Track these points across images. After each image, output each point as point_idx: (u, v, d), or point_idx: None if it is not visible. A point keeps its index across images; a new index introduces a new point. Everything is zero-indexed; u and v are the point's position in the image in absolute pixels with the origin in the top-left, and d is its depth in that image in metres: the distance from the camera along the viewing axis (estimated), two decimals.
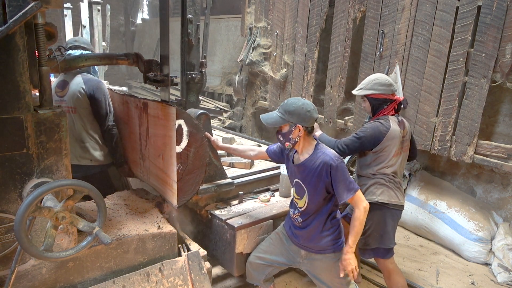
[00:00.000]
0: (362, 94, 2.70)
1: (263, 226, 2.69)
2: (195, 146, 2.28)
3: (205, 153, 2.34)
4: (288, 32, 5.25)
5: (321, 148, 2.19)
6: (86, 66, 2.50)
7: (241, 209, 2.77)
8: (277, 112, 2.15)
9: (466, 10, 3.54)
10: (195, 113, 2.58)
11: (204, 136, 2.34)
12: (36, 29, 1.63)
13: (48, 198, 1.64)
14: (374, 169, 2.66)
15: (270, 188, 3.20)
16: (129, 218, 2.28)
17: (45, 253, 1.58)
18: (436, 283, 3.37)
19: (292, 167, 2.28)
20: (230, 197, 2.96)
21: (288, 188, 3.07)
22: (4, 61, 1.53)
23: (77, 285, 1.96)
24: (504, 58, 3.36)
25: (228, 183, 2.83)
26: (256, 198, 3.01)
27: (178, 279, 2.13)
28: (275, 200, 3.00)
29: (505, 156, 3.56)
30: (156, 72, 2.36)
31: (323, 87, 5.03)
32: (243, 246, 2.61)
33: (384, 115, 2.67)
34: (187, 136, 2.25)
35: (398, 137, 2.63)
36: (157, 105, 2.25)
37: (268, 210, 2.80)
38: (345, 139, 2.68)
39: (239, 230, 2.54)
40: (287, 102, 2.14)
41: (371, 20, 4.28)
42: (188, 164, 2.28)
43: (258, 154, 2.65)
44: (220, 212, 2.73)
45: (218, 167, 2.81)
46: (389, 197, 2.64)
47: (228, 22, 7.67)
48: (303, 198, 2.22)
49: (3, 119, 1.57)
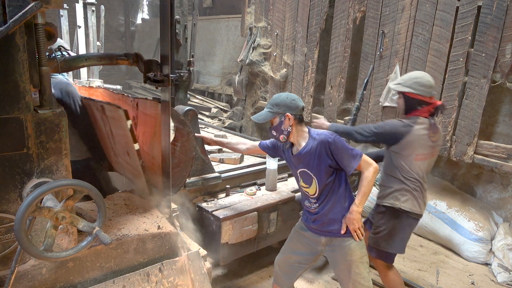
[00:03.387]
0: (398, 90, 2.59)
1: (247, 217, 2.81)
2: (181, 140, 2.34)
3: (192, 147, 2.40)
4: (288, 32, 5.25)
5: (314, 131, 2.24)
6: (86, 66, 2.51)
7: (227, 202, 2.89)
8: (265, 109, 2.23)
9: (466, 10, 3.54)
10: (183, 109, 2.67)
11: (191, 131, 2.37)
12: (36, 29, 1.63)
13: (48, 198, 1.63)
14: (402, 173, 2.58)
15: (257, 182, 3.30)
16: (129, 218, 2.28)
17: (45, 253, 1.57)
18: (436, 283, 3.37)
19: (293, 159, 2.30)
20: (218, 190, 3.07)
21: (274, 182, 3.19)
22: (4, 61, 1.53)
23: (77, 285, 1.96)
24: (504, 58, 3.36)
25: (215, 177, 2.94)
26: (243, 191, 3.12)
27: (178, 279, 2.13)
28: (260, 194, 3.12)
29: (505, 156, 3.56)
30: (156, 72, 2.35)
31: (323, 87, 5.03)
32: (228, 237, 2.72)
33: (416, 115, 2.56)
34: (173, 131, 2.30)
35: (424, 140, 2.52)
36: (111, 108, 2.30)
37: (253, 202, 2.91)
38: (363, 126, 2.65)
39: (224, 221, 2.65)
40: (273, 97, 2.24)
41: (371, 20, 4.28)
42: (175, 158, 2.34)
43: (250, 148, 2.72)
44: (207, 204, 2.83)
45: (205, 162, 2.90)
46: (412, 206, 2.58)
47: (228, 22, 7.67)
48: (313, 184, 2.24)
49: (3, 119, 1.57)
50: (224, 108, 7.14)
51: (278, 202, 3.02)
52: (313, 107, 5.16)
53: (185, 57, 2.92)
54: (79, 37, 4.97)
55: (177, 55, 2.85)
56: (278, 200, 3.02)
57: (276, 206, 3.03)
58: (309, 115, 5.13)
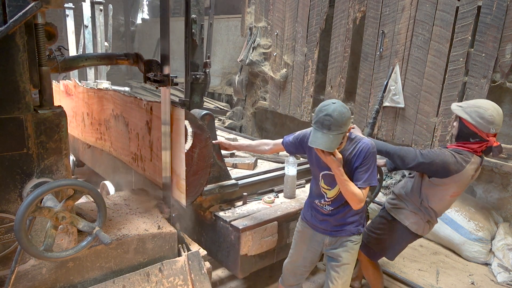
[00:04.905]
0: (457, 113, 2.35)
1: (267, 227, 2.65)
2: (199, 147, 2.25)
3: (210, 153, 2.32)
4: (288, 32, 5.25)
5: (357, 136, 2.14)
6: (86, 66, 2.50)
7: (246, 211, 2.74)
8: (329, 133, 1.94)
9: (466, 10, 3.54)
10: (199, 113, 2.53)
11: (209, 137, 2.30)
12: (36, 29, 1.63)
13: (48, 198, 1.63)
14: (426, 202, 2.46)
15: (274, 189, 3.14)
16: (129, 218, 2.28)
17: (45, 253, 1.58)
18: (436, 283, 3.37)
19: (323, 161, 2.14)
20: (234, 198, 2.91)
21: (293, 189, 3.03)
22: (4, 61, 1.53)
23: (77, 285, 1.96)
24: (504, 58, 3.36)
25: (232, 184, 2.78)
26: (260, 199, 2.97)
27: (178, 279, 2.13)
28: (279, 202, 2.95)
29: (505, 156, 3.56)
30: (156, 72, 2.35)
31: (323, 87, 5.03)
32: (248, 248, 2.58)
33: (468, 150, 2.32)
34: (191, 137, 2.22)
35: (468, 180, 2.36)
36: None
37: (272, 211, 2.76)
38: (405, 150, 2.39)
39: (243, 232, 2.51)
40: (335, 117, 1.93)
41: (371, 20, 4.28)
42: (193, 165, 2.24)
43: (273, 147, 2.56)
44: (224, 213, 2.68)
45: (222, 168, 2.75)
46: (418, 228, 2.53)
47: (228, 22, 7.67)
48: (335, 187, 2.17)
49: (3, 119, 1.57)
50: (224, 108, 7.14)
51: (298, 210, 2.83)
52: (313, 107, 5.16)
53: (201, 58, 2.80)
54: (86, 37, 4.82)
55: (193, 56, 2.74)
56: (298, 208, 2.84)
57: (296, 215, 2.81)
58: (309, 115, 5.13)
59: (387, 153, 2.44)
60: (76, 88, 3.78)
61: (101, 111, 3.28)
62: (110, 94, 3.06)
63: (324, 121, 1.94)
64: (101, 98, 3.22)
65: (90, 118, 3.54)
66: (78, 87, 3.75)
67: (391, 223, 2.61)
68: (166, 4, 2.09)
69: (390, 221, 2.62)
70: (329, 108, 1.96)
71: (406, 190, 2.61)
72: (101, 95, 3.23)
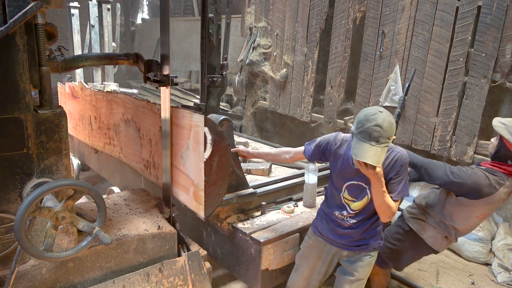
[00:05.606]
0: (497, 131, 2.20)
1: (289, 240, 2.52)
2: (218, 155, 2.14)
3: (229, 162, 2.21)
4: (288, 32, 5.25)
5: (392, 146, 2.01)
6: (86, 66, 2.50)
7: (265, 222, 2.62)
8: (378, 145, 1.78)
9: (466, 10, 3.54)
10: (217, 119, 2.39)
11: (229, 145, 2.20)
12: (36, 29, 1.63)
13: (48, 198, 1.63)
14: (450, 220, 2.35)
15: (292, 197, 3.00)
16: (129, 218, 2.28)
17: (45, 253, 1.58)
18: (436, 283, 3.37)
19: (351, 169, 2.04)
20: (252, 207, 2.78)
21: (313, 198, 2.90)
22: (4, 61, 1.53)
23: (77, 285, 1.96)
24: (504, 58, 3.36)
25: (250, 193, 2.64)
26: (279, 208, 2.82)
27: (178, 279, 2.13)
28: (299, 211, 2.81)
29: None
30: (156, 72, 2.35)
31: (323, 87, 5.03)
32: (269, 262, 2.46)
33: (503, 172, 2.19)
34: (211, 145, 2.10)
35: (498, 203, 2.24)
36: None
37: (293, 222, 2.63)
38: (435, 165, 2.27)
39: (265, 245, 2.39)
40: (385, 128, 1.78)
41: (371, 20, 4.28)
42: (212, 175, 2.12)
43: (294, 156, 2.39)
44: (243, 225, 2.56)
45: (240, 177, 2.62)
46: (434, 243, 2.44)
47: None
48: (363, 199, 2.05)
49: (3, 119, 1.57)
50: (224, 108, 7.14)
51: None
52: (313, 107, 5.16)
53: (218, 60, 2.66)
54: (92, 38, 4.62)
55: (209, 58, 2.59)
56: None
57: None
58: (309, 115, 5.13)
59: (414, 165, 2.32)
60: (83, 90, 3.66)
61: (110, 115, 3.16)
62: (120, 97, 2.95)
63: (373, 132, 1.77)
64: (110, 102, 3.11)
65: (98, 122, 3.41)
66: (85, 89, 3.63)
67: (408, 233, 2.51)
68: (166, 4, 2.09)
69: (407, 231, 2.52)
70: (378, 118, 1.79)
71: (428, 201, 2.49)
72: (110, 98, 3.12)
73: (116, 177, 3.58)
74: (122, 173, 3.37)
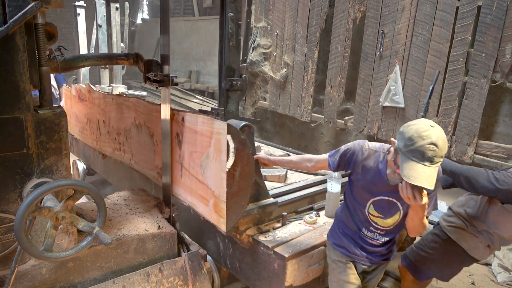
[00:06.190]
0: None
1: (314, 254, 2.37)
2: (241, 164, 2.02)
3: (252, 172, 2.11)
4: (288, 32, 5.25)
5: None
6: (86, 66, 2.50)
7: (287, 234, 2.47)
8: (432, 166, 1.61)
9: (466, 10, 3.54)
10: (237, 125, 2.22)
11: (252, 153, 2.10)
12: (36, 29, 1.63)
13: (48, 198, 1.63)
14: (492, 229, 2.22)
15: (314, 206, 2.84)
16: (129, 218, 2.28)
17: (45, 253, 1.58)
18: (436, 283, 3.37)
19: (381, 183, 1.87)
20: (272, 218, 2.62)
21: (336, 207, 2.74)
22: (4, 61, 1.53)
23: (77, 285, 1.96)
24: (504, 58, 3.37)
25: (271, 203, 2.49)
26: (301, 219, 2.67)
27: (178, 279, 2.13)
28: (322, 222, 2.66)
29: (505, 156, 3.56)
30: (156, 72, 2.35)
31: (323, 87, 5.03)
32: (294, 278, 2.30)
33: None
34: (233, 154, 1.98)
35: None
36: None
37: (318, 234, 2.48)
38: (475, 171, 2.14)
39: (289, 261, 2.24)
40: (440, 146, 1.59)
41: (371, 20, 4.28)
42: (233, 186, 2.00)
43: (316, 165, 2.19)
44: (265, 238, 2.41)
45: (260, 186, 2.46)
46: (476, 253, 2.29)
47: None
48: (394, 216, 1.90)
49: (3, 119, 1.57)
50: None
51: None
52: (313, 107, 5.17)
53: (237, 61, 2.50)
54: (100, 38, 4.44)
55: (229, 60, 2.43)
56: None
57: None
58: (309, 115, 5.13)
59: (452, 172, 2.19)
60: (91, 93, 3.49)
61: (120, 120, 3.00)
62: (132, 101, 2.78)
63: (428, 152, 1.58)
64: (121, 105, 2.95)
65: (107, 126, 3.25)
66: (92, 92, 3.46)
67: (446, 242, 2.37)
68: (166, 4, 2.09)
69: (444, 240, 2.38)
70: (432, 135, 1.59)
71: (468, 209, 2.34)
72: (120, 102, 2.96)
73: (124, 183, 3.45)
74: (131, 179, 3.23)
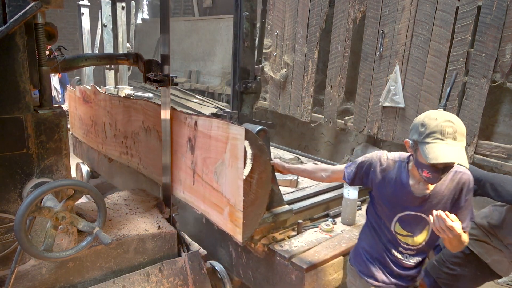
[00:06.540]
0: None
1: (333, 264, 2.27)
2: (258, 171, 1.93)
3: (269, 179, 2.02)
4: (288, 32, 5.25)
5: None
6: (86, 66, 2.50)
7: (304, 243, 2.36)
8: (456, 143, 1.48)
9: (466, 10, 3.54)
10: (253, 129, 2.12)
11: (269, 159, 2.01)
12: (36, 29, 1.63)
13: (48, 198, 1.63)
14: None
15: (329, 213, 2.74)
16: (129, 218, 2.28)
17: (45, 253, 1.58)
18: None
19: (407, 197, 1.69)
20: (287, 226, 2.52)
21: (353, 214, 2.65)
22: (4, 61, 1.53)
23: (77, 285, 1.96)
24: (504, 58, 3.36)
25: (287, 210, 2.39)
26: (317, 226, 2.56)
27: (178, 279, 2.13)
28: (339, 230, 2.56)
29: (505, 156, 3.56)
30: (156, 72, 2.35)
31: (323, 87, 5.03)
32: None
33: None
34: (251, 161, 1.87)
35: None
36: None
37: (336, 243, 2.37)
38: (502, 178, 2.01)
39: (308, 272, 2.14)
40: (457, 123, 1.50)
41: (371, 20, 4.28)
42: (250, 194, 1.91)
43: (332, 176, 2.01)
44: (281, 247, 2.30)
45: (275, 192, 2.34)
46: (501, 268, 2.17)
47: (228, 22, 7.67)
48: (423, 232, 1.73)
49: (3, 119, 1.57)
50: (224, 108, 7.14)
51: None
52: (313, 107, 5.17)
53: (252, 63, 2.38)
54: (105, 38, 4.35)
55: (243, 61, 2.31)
56: None
57: None
58: (309, 115, 5.13)
59: (477, 180, 2.03)
60: (96, 95, 3.40)
61: (127, 123, 2.93)
62: (140, 104, 2.70)
63: (446, 128, 1.47)
64: (128, 108, 2.87)
65: (113, 129, 3.17)
66: (98, 93, 3.37)
67: (469, 257, 2.22)
68: (166, 4, 2.09)
69: (467, 255, 2.22)
70: (443, 115, 1.52)
71: (492, 221, 2.22)
72: (128, 104, 2.87)
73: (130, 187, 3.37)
74: (137, 183, 3.16)
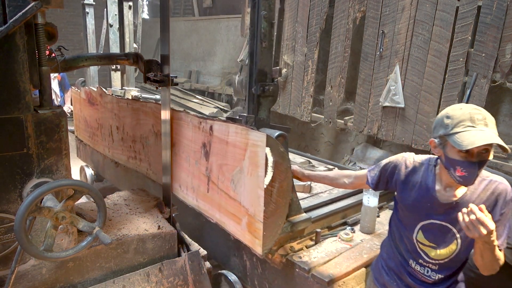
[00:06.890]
0: None
1: (356, 276, 2.18)
2: (279, 180, 1.85)
3: (290, 188, 1.94)
4: (288, 32, 5.25)
5: (486, 173, 1.54)
6: (86, 66, 2.50)
7: (324, 253, 2.28)
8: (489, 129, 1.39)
9: (466, 10, 3.54)
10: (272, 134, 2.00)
11: (290, 167, 1.92)
12: (36, 29, 1.63)
13: (48, 198, 1.63)
14: None
15: (347, 221, 2.65)
16: (129, 218, 2.28)
17: (45, 253, 1.58)
18: None
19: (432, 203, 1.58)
20: (305, 235, 2.43)
21: (372, 222, 2.56)
22: (4, 61, 1.53)
23: (77, 285, 1.96)
24: (504, 58, 3.36)
25: (305, 219, 2.30)
26: (335, 235, 2.47)
27: (178, 279, 2.13)
28: (358, 239, 2.47)
29: (505, 156, 3.56)
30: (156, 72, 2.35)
31: (323, 87, 5.03)
32: None
33: None
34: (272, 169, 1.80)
35: None
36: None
37: (357, 254, 2.28)
38: None
39: (330, 285, 2.06)
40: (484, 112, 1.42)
41: (371, 20, 4.28)
42: (271, 204, 1.82)
43: (355, 182, 1.90)
44: (300, 258, 2.21)
45: (293, 201, 2.23)
46: None
47: (228, 22, 7.68)
48: (450, 246, 1.57)
49: (3, 119, 1.57)
50: (224, 108, 7.14)
51: None
52: (313, 107, 5.17)
53: (270, 65, 2.28)
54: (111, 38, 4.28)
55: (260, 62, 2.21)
56: None
57: None
58: (309, 115, 5.13)
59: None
60: (102, 97, 3.30)
61: (136, 126, 2.85)
62: (150, 106, 2.61)
63: (475, 115, 1.39)
64: (137, 111, 2.79)
65: (121, 133, 3.08)
66: (104, 95, 3.28)
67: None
68: (166, 4, 2.09)
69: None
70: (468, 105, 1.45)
71: None
72: (136, 107, 2.79)
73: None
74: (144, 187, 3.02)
